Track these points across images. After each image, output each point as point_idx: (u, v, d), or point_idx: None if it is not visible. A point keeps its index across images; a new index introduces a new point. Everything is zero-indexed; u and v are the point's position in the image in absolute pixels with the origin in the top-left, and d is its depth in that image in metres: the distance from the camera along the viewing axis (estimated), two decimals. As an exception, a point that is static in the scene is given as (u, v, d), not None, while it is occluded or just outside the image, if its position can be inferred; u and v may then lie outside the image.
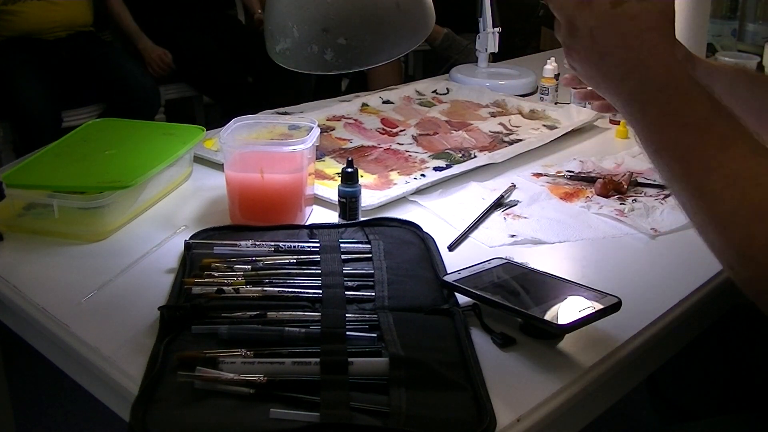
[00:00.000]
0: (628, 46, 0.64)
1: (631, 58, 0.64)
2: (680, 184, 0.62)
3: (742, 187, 0.58)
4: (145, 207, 1.02)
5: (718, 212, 0.59)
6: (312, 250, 0.86)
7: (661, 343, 0.79)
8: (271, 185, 0.96)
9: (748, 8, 1.70)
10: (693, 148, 0.61)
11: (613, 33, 0.65)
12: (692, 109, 0.62)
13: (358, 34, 0.65)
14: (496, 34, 1.61)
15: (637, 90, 0.64)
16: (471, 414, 0.62)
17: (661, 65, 0.63)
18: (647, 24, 0.64)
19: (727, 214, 0.58)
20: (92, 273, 0.85)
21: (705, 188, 0.60)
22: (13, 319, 0.86)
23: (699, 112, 0.61)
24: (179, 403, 0.62)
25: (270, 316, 0.73)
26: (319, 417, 0.60)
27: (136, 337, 0.73)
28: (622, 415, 1.86)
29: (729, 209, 0.58)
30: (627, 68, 0.64)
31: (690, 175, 0.61)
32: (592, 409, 0.75)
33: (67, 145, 1.09)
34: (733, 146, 0.59)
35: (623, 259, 0.91)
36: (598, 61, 0.66)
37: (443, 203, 1.05)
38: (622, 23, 0.64)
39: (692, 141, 0.61)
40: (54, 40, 2.64)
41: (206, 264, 0.82)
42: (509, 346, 0.73)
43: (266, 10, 0.79)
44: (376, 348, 0.69)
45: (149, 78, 2.67)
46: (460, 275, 0.80)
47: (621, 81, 0.65)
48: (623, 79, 0.65)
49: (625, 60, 0.65)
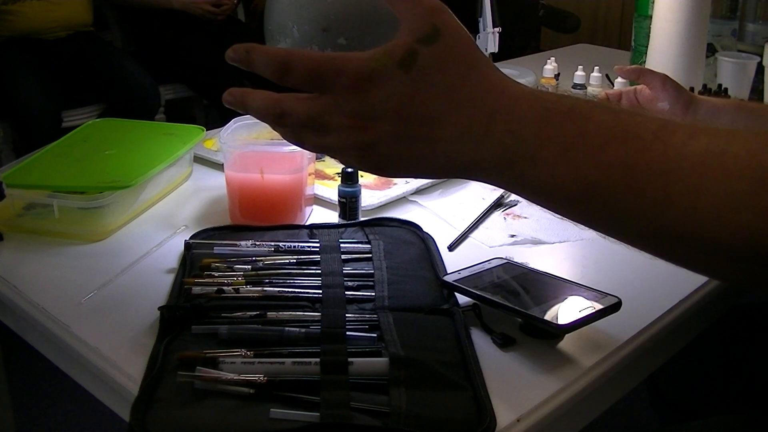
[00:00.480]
0: (458, 102, 0.50)
1: (474, 110, 0.50)
2: (636, 211, 0.47)
3: (721, 164, 0.45)
4: (145, 207, 1.02)
5: (705, 206, 0.45)
6: (312, 250, 0.86)
7: (661, 343, 0.79)
8: (271, 185, 0.96)
9: (748, 8, 1.70)
10: (632, 158, 0.47)
11: (430, 98, 0.51)
12: (595, 122, 0.48)
13: (358, 34, 0.65)
14: (496, 34, 1.61)
15: (511, 139, 0.49)
16: (471, 414, 0.62)
17: (517, 98, 0.50)
18: (462, 64, 0.51)
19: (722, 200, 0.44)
20: (92, 273, 0.85)
21: (676, 190, 0.46)
22: (13, 319, 0.86)
23: (606, 121, 0.48)
24: (179, 403, 0.62)
25: (270, 316, 0.73)
26: (319, 417, 0.60)
27: (136, 337, 0.73)
28: (622, 415, 1.86)
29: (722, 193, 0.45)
30: (479, 125, 0.50)
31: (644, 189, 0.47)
32: (592, 409, 0.75)
33: (67, 145, 1.09)
34: (672, 134, 0.47)
35: (623, 259, 0.91)
36: (427, 140, 0.51)
37: (443, 203, 1.05)
38: (434, 81, 0.51)
39: (625, 152, 0.47)
40: (54, 40, 2.64)
41: (206, 264, 0.82)
42: (509, 346, 0.73)
43: (266, 10, 0.79)
44: (376, 348, 0.69)
45: (149, 78, 2.67)
46: (460, 275, 0.80)
47: (479, 144, 0.50)
48: (481, 140, 0.50)
49: (468, 118, 0.50)
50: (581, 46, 2.25)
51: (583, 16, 3.69)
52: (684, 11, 1.42)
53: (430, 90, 0.51)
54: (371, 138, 0.52)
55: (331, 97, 0.52)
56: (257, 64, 0.54)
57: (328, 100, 0.53)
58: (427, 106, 0.51)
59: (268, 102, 0.56)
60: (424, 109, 0.51)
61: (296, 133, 0.56)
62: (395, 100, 0.51)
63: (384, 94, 0.51)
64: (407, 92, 0.51)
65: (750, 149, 0.45)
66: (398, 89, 0.51)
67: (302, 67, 0.52)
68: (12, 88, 2.41)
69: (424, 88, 0.51)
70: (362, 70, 0.51)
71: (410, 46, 0.51)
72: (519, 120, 0.50)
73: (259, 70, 0.54)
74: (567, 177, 0.48)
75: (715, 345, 1.09)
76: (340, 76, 0.51)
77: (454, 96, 0.51)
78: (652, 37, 1.49)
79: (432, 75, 0.51)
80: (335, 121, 0.53)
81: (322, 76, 0.52)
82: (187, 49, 2.82)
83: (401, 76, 0.51)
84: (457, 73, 0.51)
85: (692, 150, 0.46)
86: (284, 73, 0.53)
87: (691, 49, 1.44)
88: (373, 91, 0.51)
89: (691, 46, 1.44)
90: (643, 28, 1.60)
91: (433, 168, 0.53)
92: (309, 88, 0.53)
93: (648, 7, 1.58)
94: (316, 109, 0.53)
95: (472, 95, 0.51)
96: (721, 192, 0.45)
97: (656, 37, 1.48)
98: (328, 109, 0.53)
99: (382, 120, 0.51)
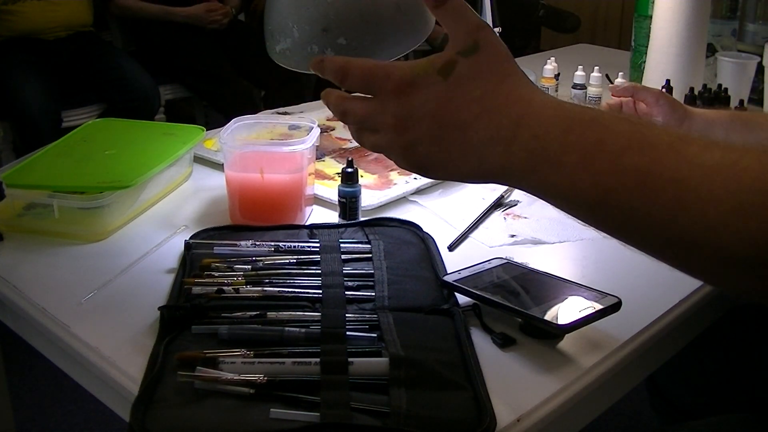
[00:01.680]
0: (489, 109, 0.54)
1: (503, 117, 0.54)
2: (650, 218, 0.49)
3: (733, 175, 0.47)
4: (145, 207, 1.02)
5: (715, 215, 0.47)
6: (312, 250, 0.86)
7: (661, 343, 0.79)
8: (271, 185, 0.96)
9: (748, 8, 1.70)
10: (646, 165, 0.49)
11: (464, 104, 0.55)
12: (614, 132, 0.51)
13: (358, 34, 0.65)
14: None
15: (535, 144, 0.53)
16: (471, 414, 0.62)
17: (543, 106, 0.54)
18: (496, 75, 0.56)
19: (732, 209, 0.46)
20: (92, 273, 0.85)
21: (687, 199, 0.47)
22: (13, 319, 0.86)
23: (624, 130, 0.51)
24: (179, 403, 0.62)
25: (270, 316, 0.73)
26: (319, 417, 0.60)
27: (136, 337, 0.73)
28: (622, 415, 1.86)
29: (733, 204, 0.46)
30: (507, 129, 0.54)
31: (657, 196, 0.49)
32: (592, 409, 0.75)
33: (67, 145, 1.09)
34: (687, 145, 0.49)
35: (623, 259, 0.90)
36: (460, 143, 0.55)
37: (443, 203, 1.05)
38: (469, 89, 0.55)
39: (640, 159, 0.49)
40: (54, 40, 2.64)
41: (206, 264, 0.82)
42: (509, 346, 0.73)
43: (266, 10, 0.79)
44: (376, 348, 0.69)
45: (149, 78, 2.67)
46: (460, 275, 0.80)
47: (507, 147, 0.54)
48: (509, 144, 0.54)
49: (498, 123, 0.54)
50: (581, 46, 2.25)
51: (583, 16, 3.69)
52: (684, 11, 1.42)
53: (465, 96, 0.55)
54: (412, 138, 0.57)
55: (380, 99, 0.58)
56: (327, 70, 0.61)
57: (377, 101, 0.58)
58: (461, 111, 0.55)
59: (337, 99, 0.62)
60: (458, 114, 0.55)
61: (357, 131, 0.62)
62: (433, 104, 0.56)
63: (424, 97, 0.56)
64: (444, 97, 0.56)
65: (763, 163, 0.47)
66: (436, 94, 0.56)
67: (356, 72, 0.59)
68: (12, 88, 2.42)
69: (459, 94, 0.55)
70: (406, 75, 0.57)
71: (451, 57, 0.57)
72: (544, 126, 0.53)
73: (329, 76, 0.61)
74: (586, 182, 0.51)
75: (715, 345, 1.09)
76: (388, 80, 0.57)
77: (486, 103, 0.55)
78: (652, 37, 1.49)
79: (467, 83, 0.56)
80: (382, 121, 0.58)
81: (373, 80, 0.58)
82: (186, 49, 2.82)
83: (440, 82, 0.56)
84: (490, 82, 0.55)
85: (705, 161, 0.48)
86: (343, 78, 0.60)
87: (691, 49, 1.44)
88: (414, 94, 0.56)
89: (691, 46, 1.44)
90: (643, 28, 1.60)
91: (467, 170, 0.57)
92: (363, 91, 0.59)
93: (648, 7, 1.58)
94: (367, 109, 0.59)
95: (502, 103, 0.55)
96: (732, 202, 0.46)
97: (656, 37, 1.48)
98: (377, 109, 0.58)
99: (421, 121, 0.56)
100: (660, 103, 1.02)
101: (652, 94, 1.04)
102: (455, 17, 0.59)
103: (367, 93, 0.59)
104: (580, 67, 1.49)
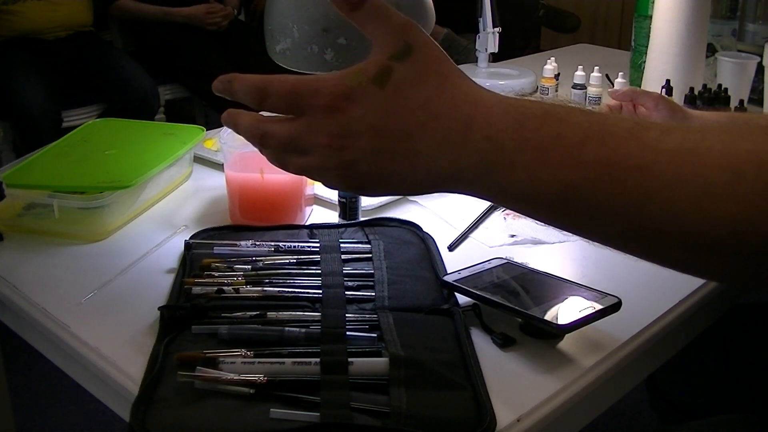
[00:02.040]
0: (434, 114, 0.51)
1: (451, 121, 0.50)
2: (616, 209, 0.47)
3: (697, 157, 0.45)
4: (145, 207, 1.02)
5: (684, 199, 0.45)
6: (312, 250, 0.86)
7: (661, 343, 0.79)
8: (271, 185, 0.96)
9: (748, 8, 1.70)
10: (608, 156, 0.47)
11: (408, 113, 0.51)
12: (571, 124, 0.49)
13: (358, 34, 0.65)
14: (496, 34, 1.61)
15: (489, 145, 0.49)
16: (471, 414, 0.62)
17: (491, 105, 0.51)
18: (436, 77, 0.52)
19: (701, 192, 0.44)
20: (92, 273, 0.85)
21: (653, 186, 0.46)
22: (13, 319, 0.86)
23: (581, 122, 0.49)
24: (179, 403, 0.62)
25: (270, 316, 0.73)
26: (319, 417, 0.60)
27: (136, 337, 0.73)
28: (622, 415, 1.86)
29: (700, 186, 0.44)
30: (457, 134, 0.50)
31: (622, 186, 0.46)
32: (592, 409, 0.75)
33: (67, 145, 1.09)
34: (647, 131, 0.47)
35: (623, 259, 0.90)
36: (406, 154, 0.51)
37: (443, 203, 1.05)
38: (410, 95, 0.51)
39: (601, 150, 0.47)
40: (54, 40, 2.65)
41: (206, 264, 0.82)
42: (509, 346, 0.73)
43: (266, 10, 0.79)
44: (376, 348, 0.69)
45: (149, 78, 2.67)
46: (460, 275, 0.80)
47: (458, 152, 0.50)
48: (459, 149, 0.50)
49: (446, 128, 0.50)
50: (581, 46, 2.25)
51: (583, 16, 3.69)
52: (684, 11, 1.42)
53: (406, 104, 0.51)
54: (351, 156, 0.52)
55: (310, 118, 0.53)
56: (239, 93, 0.55)
57: (306, 120, 0.53)
58: (404, 120, 0.51)
59: (252, 123, 0.57)
60: (402, 124, 0.51)
61: (278, 155, 0.57)
62: (372, 117, 0.51)
63: (361, 110, 0.51)
64: (383, 108, 0.51)
65: (724, 142, 0.45)
66: (374, 105, 0.51)
67: (278, 91, 0.53)
68: (12, 88, 2.42)
69: (400, 102, 0.51)
70: (337, 89, 0.52)
71: (384, 63, 0.52)
72: (495, 126, 0.50)
73: (241, 99, 0.55)
74: (546, 179, 0.48)
75: (715, 345, 1.09)
76: (316, 97, 0.52)
77: (431, 108, 0.51)
78: (652, 37, 1.49)
79: (407, 89, 0.51)
80: (314, 141, 0.53)
81: (299, 98, 0.53)
82: (186, 49, 2.82)
83: (377, 92, 0.51)
84: (431, 86, 0.52)
85: (667, 145, 0.46)
86: (262, 99, 0.54)
87: (691, 49, 1.44)
88: (349, 108, 0.51)
89: (691, 46, 1.44)
90: (643, 28, 1.60)
91: (413, 183, 0.53)
92: (288, 111, 0.54)
93: (648, 7, 1.58)
94: (295, 130, 0.54)
95: (448, 106, 0.51)
96: (699, 184, 0.45)
97: (656, 37, 1.48)
98: (306, 129, 0.53)
99: (360, 137, 0.52)
100: (659, 107, 1.03)
101: (652, 98, 1.04)
102: (377, 19, 0.54)
103: (292, 113, 0.54)
104: (580, 67, 1.49)
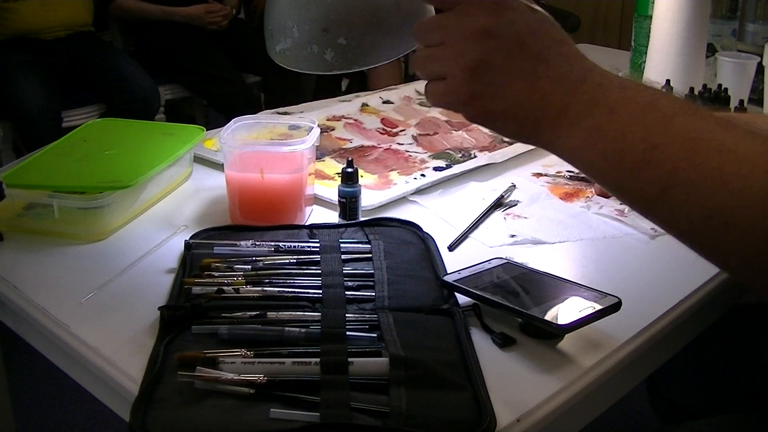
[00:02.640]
0: (564, 54, 0.58)
1: (576, 63, 0.58)
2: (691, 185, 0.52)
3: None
4: (145, 207, 1.02)
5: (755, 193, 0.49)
6: (312, 250, 0.86)
7: (661, 343, 0.79)
8: (271, 185, 0.96)
9: (748, 8, 1.70)
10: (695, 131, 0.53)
11: (547, 41, 0.58)
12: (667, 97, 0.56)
13: (358, 34, 0.65)
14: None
15: (598, 93, 0.57)
16: (471, 414, 0.62)
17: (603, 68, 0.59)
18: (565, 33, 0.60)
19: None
20: (92, 273, 0.85)
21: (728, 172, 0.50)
22: (13, 319, 0.86)
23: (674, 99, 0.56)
24: (179, 403, 0.62)
25: (270, 316, 0.73)
26: (319, 417, 0.60)
27: (136, 337, 0.73)
28: (622, 415, 1.86)
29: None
30: (578, 74, 0.57)
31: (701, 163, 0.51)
32: (592, 409, 0.75)
33: (67, 145, 1.09)
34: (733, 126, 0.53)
35: (623, 259, 0.91)
36: (530, 74, 0.57)
37: (443, 203, 1.05)
38: (550, 31, 0.59)
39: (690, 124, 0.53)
40: (53, 39, 2.64)
41: (206, 264, 0.82)
42: (509, 346, 0.73)
43: (266, 10, 0.79)
44: (376, 348, 0.69)
45: (149, 78, 2.67)
46: (460, 275, 0.80)
47: (573, 89, 0.57)
48: (576, 86, 0.57)
49: (570, 66, 0.58)
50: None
51: (583, 16, 3.68)
52: (684, 11, 1.42)
53: (548, 35, 0.58)
54: (486, 53, 0.57)
55: (469, 6, 0.58)
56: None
57: (465, 7, 0.58)
58: (544, 43, 0.58)
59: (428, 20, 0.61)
60: (539, 46, 0.58)
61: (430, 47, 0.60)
62: (521, 26, 0.58)
63: (514, 18, 0.58)
64: (531, 26, 0.58)
65: None
66: (525, 20, 0.58)
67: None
68: (12, 88, 2.42)
69: (543, 29, 0.58)
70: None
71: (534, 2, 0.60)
72: (607, 79, 0.57)
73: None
74: (636, 135, 0.54)
75: (715, 345, 1.09)
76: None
77: (563, 48, 0.58)
78: (652, 37, 1.49)
79: (549, 26, 0.59)
80: (461, 26, 0.58)
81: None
82: (186, 49, 2.82)
83: (530, 13, 0.59)
84: (564, 33, 0.60)
85: (750, 143, 0.51)
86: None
87: (691, 49, 1.44)
88: (506, 12, 0.57)
89: (691, 46, 1.44)
90: (643, 28, 1.60)
91: (525, 108, 0.58)
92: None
93: (648, 7, 1.58)
94: (453, 7, 0.59)
95: (575, 52, 0.59)
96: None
97: (656, 37, 1.48)
98: (463, 11, 0.58)
99: (503, 39, 0.57)
100: None
101: None
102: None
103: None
104: (580, 67, 1.48)
